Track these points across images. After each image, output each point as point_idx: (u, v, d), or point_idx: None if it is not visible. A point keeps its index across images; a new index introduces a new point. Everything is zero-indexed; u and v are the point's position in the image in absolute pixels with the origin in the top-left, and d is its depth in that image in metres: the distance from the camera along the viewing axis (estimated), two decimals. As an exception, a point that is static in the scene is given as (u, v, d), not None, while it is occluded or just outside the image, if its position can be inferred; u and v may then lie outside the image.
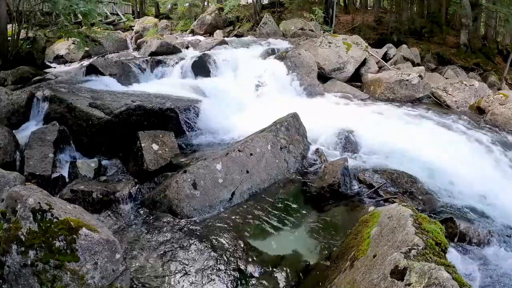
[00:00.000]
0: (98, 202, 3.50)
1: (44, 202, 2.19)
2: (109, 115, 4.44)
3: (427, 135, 5.57)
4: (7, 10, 7.11)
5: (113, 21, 16.24)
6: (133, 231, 3.19)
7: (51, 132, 4.20)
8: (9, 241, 2.07)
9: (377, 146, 4.89)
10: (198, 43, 10.44)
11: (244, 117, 5.49)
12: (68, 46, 10.11)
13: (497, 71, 12.35)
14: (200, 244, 2.97)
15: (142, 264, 2.74)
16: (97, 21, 8.94)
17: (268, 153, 4.11)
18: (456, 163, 4.52)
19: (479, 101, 7.53)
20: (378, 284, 1.93)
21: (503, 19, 14.62)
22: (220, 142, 4.82)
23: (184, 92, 5.88)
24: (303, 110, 5.13)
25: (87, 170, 4.02)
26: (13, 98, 4.76)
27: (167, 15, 19.27)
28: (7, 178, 3.03)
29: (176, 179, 3.54)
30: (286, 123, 4.51)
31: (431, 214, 3.48)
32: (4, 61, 6.73)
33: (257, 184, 3.88)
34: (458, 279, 1.74)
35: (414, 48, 12.38)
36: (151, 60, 7.42)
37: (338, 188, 3.88)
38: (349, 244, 2.61)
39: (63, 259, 2.08)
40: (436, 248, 2.00)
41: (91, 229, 2.21)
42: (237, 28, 14.66)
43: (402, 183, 4.03)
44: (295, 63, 7.83)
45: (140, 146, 4.14)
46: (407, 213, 2.30)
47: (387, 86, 7.82)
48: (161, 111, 4.69)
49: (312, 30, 12.07)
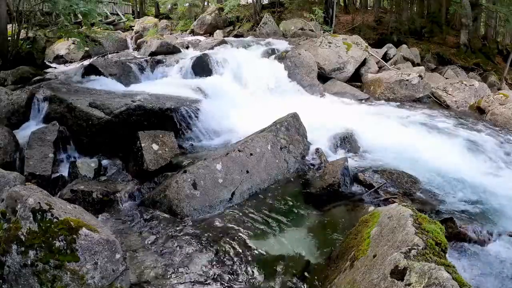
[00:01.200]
0: (98, 202, 3.50)
1: (44, 202, 2.19)
2: (109, 115, 4.44)
3: (427, 135, 5.59)
4: (7, 10, 7.10)
5: (113, 21, 16.23)
6: (133, 231, 3.19)
7: (51, 132, 4.21)
8: (9, 241, 2.07)
9: (377, 146, 4.90)
10: (198, 43, 10.44)
11: (244, 117, 5.49)
12: (68, 46, 10.11)
13: (497, 71, 12.35)
14: (200, 244, 2.97)
15: (142, 264, 2.74)
16: (97, 21, 8.94)
17: (268, 153, 4.11)
18: (456, 163, 4.53)
19: (479, 101, 7.53)
20: (378, 284, 1.93)
21: (503, 19, 14.63)
22: (220, 142, 4.82)
23: (184, 92, 5.87)
24: (303, 110, 5.14)
25: (87, 170, 4.02)
26: (13, 98, 4.76)
27: (167, 15, 19.25)
28: (7, 178, 3.04)
29: (176, 179, 3.54)
30: (286, 123, 4.51)
31: (431, 214, 3.47)
32: (4, 61, 6.73)
33: (257, 184, 3.88)
34: (458, 279, 1.74)
35: (414, 48, 12.38)
36: (151, 60, 7.42)
37: (338, 188, 3.88)
38: (349, 244, 2.61)
39: (63, 259, 2.08)
40: (436, 248, 2.00)
41: (91, 229, 2.21)
42: (237, 28, 14.64)
43: (402, 183, 4.03)
44: (295, 63, 7.84)
45: (140, 146, 4.14)
46: (407, 213, 2.30)
47: (387, 86, 7.83)
48: (161, 111, 4.69)
49: (312, 30, 12.07)
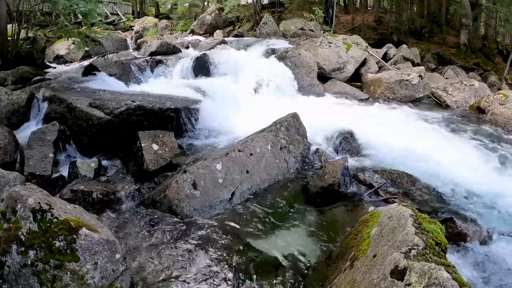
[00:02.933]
0: (98, 202, 3.50)
1: (44, 202, 2.19)
2: (109, 115, 4.44)
3: (427, 135, 5.58)
4: (7, 10, 7.10)
5: (113, 21, 16.22)
6: (133, 231, 3.19)
7: (51, 132, 4.21)
8: (9, 241, 2.07)
9: (377, 146, 4.90)
10: (198, 43, 10.44)
11: (244, 117, 5.49)
12: (68, 46, 10.09)
13: (497, 71, 12.36)
14: (200, 244, 2.97)
15: (142, 264, 2.74)
16: (97, 21, 8.94)
17: (268, 153, 4.11)
18: (456, 163, 4.53)
19: (479, 101, 7.53)
20: (378, 284, 1.93)
21: (503, 19, 14.63)
22: (220, 142, 4.82)
23: (184, 92, 5.87)
24: (303, 110, 5.14)
25: (87, 170, 4.02)
26: (13, 98, 4.76)
27: (167, 15, 19.25)
28: (7, 178, 3.03)
29: (176, 179, 3.54)
30: (286, 123, 4.51)
31: (431, 214, 3.47)
32: (4, 61, 6.73)
33: (257, 184, 3.88)
34: (458, 279, 1.74)
35: (414, 48, 12.38)
36: (151, 60, 7.42)
37: (338, 188, 3.88)
38: (349, 244, 2.61)
39: (63, 259, 2.08)
40: (436, 248, 2.00)
41: (91, 229, 2.21)
42: (237, 28, 14.64)
43: (402, 183, 4.03)
44: (295, 63, 7.84)
45: (140, 146, 4.14)
46: (407, 213, 2.30)
47: (387, 86, 7.83)
48: (161, 111, 4.69)
49: (312, 30, 12.07)
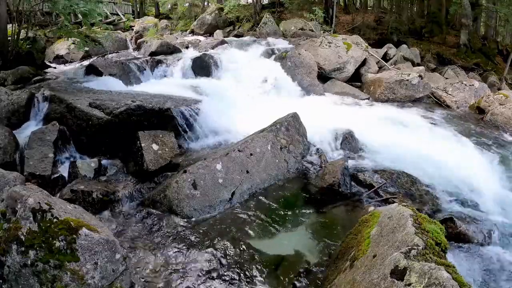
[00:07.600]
0: (98, 202, 3.50)
1: (44, 202, 2.19)
2: (109, 115, 4.44)
3: (427, 135, 5.58)
4: (7, 10, 7.10)
5: (113, 21, 16.22)
6: (133, 231, 3.19)
7: (51, 132, 4.20)
8: (9, 241, 2.07)
9: (377, 146, 4.90)
10: (198, 43, 10.45)
11: (244, 117, 5.48)
12: (68, 46, 10.09)
13: (497, 71, 12.35)
14: (200, 244, 2.97)
15: (142, 264, 2.74)
16: (97, 21, 8.91)
17: (268, 153, 4.11)
18: (456, 163, 4.52)
19: (479, 101, 7.53)
20: (378, 284, 1.93)
21: (503, 19, 14.64)
22: (220, 142, 4.81)
23: (184, 92, 5.87)
24: (303, 110, 5.14)
25: (87, 170, 4.02)
26: (13, 98, 4.75)
27: (167, 15, 19.25)
28: (7, 178, 3.03)
29: (176, 179, 3.54)
30: (286, 123, 4.51)
31: (431, 214, 3.48)
32: (4, 61, 6.72)
33: (257, 184, 3.88)
34: (458, 279, 1.74)
35: (414, 48, 12.37)
36: (151, 60, 7.43)
37: (338, 188, 3.88)
38: (349, 244, 2.61)
39: (63, 259, 2.08)
40: (436, 248, 2.00)
41: (91, 229, 2.21)
42: (237, 28, 14.64)
43: (402, 183, 4.03)
44: (295, 63, 7.84)
45: (140, 146, 4.14)
46: (407, 213, 2.30)
47: (387, 86, 7.82)
48: (161, 111, 4.68)
49: (312, 30, 12.07)
